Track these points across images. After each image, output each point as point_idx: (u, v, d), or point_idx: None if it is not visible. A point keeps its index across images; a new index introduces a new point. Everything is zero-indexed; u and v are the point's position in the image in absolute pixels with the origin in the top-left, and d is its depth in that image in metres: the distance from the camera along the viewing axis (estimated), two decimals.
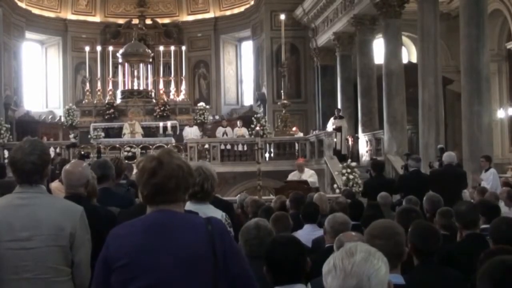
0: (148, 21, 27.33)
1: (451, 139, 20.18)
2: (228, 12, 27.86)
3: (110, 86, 25.13)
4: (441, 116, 16.18)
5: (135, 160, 18.13)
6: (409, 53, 23.63)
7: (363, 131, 19.33)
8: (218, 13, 28.03)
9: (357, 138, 19.74)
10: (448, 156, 9.52)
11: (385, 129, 17.20)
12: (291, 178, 13.13)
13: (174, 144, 19.39)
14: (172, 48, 25.64)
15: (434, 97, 15.96)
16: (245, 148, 19.32)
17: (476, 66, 13.60)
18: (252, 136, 18.75)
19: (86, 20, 27.88)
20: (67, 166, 3.77)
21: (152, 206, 2.35)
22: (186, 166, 2.36)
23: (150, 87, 25.43)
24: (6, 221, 2.81)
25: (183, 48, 26.84)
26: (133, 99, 24.53)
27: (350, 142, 19.86)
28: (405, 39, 21.59)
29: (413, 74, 16.85)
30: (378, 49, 19.72)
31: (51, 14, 27.29)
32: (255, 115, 21.16)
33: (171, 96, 25.11)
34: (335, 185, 15.59)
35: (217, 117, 26.00)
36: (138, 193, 4.25)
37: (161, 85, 25.29)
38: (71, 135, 22.08)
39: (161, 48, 25.54)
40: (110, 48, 25.50)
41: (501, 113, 21.07)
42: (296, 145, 19.09)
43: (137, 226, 2.32)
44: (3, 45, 22.93)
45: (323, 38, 23.23)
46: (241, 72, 28.67)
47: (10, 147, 16.57)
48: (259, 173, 13.89)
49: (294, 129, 20.47)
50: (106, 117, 23.74)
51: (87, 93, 24.92)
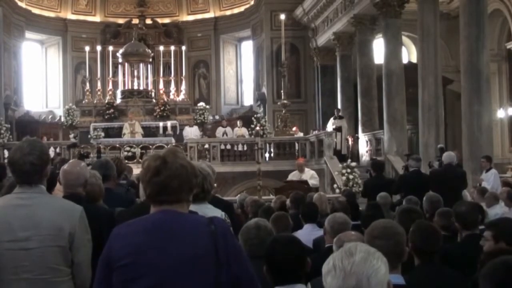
0: (148, 21, 27.33)
1: (451, 139, 20.18)
2: (228, 12, 27.87)
3: (110, 86, 25.13)
4: (441, 116, 16.18)
5: (135, 160, 18.17)
6: (409, 53, 23.63)
7: (363, 131, 19.33)
8: (218, 13, 28.04)
9: (357, 138, 19.74)
10: (448, 156, 9.51)
11: (385, 129, 17.20)
12: (291, 178, 13.14)
13: (174, 144, 19.38)
14: (172, 48, 25.64)
15: (434, 97, 15.96)
16: (245, 148, 19.33)
17: (476, 66, 13.60)
18: (252, 136, 18.76)
19: (86, 20, 27.87)
20: (65, 166, 3.75)
21: (155, 206, 2.35)
22: (190, 166, 2.37)
23: (150, 87, 25.43)
24: (5, 221, 2.81)
25: (183, 48, 26.84)
26: (133, 99, 24.53)
27: (350, 142, 19.86)
28: (405, 39, 21.59)
29: (413, 74, 16.85)
30: (378, 49, 19.72)
31: (51, 14, 27.29)
32: (255, 115, 21.17)
33: (171, 96, 25.12)
34: (335, 185, 15.60)
35: (217, 117, 26.00)
36: (138, 193, 4.27)
37: (161, 85, 25.30)
38: (71, 135, 22.08)
39: (161, 48, 25.54)
40: (110, 48, 25.50)
41: (501, 113, 21.08)
42: (296, 145, 19.09)
43: (139, 225, 2.32)
44: (3, 45, 22.93)
45: (323, 38, 23.23)
46: (241, 72, 28.67)
47: (10, 147, 16.56)
48: (259, 173, 13.88)
49: (294, 129, 20.47)
50: (106, 117, 23.74)
51: (87, 93, 24.92)
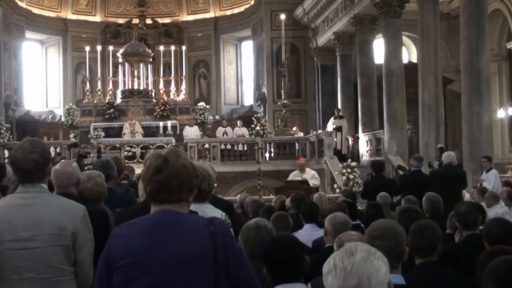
0: (148, 21, 27.33)
1: (451, 139, 20.18)
2: (228, 12, 27.87)
3: (110, 86, 25.14)
4: (441, 116, 16.19)
5: (135, 160, 18.17)
6: (409, 53, 23.63)
7: (363, 131, 19.34)
8: (218, 13, 28.04)
9: (357, 138, 19.75)
10: (448, 156, 9.51)
11: (385, 129, 17.20)
12: (292, 177, 13.14)
13: (174, 144, 19.38)
14: (172, 48, 25.65)
15: (434, 97, 15.96)
16: (245, 148, 19.33)
17: (476, 66, 13.60)
18: (252, 136, 18.77)
19: (86, 19, 27.87)
20: (57, 166, 3.74)
21: (155, 205, 2.36)
22: (192, 166, 2.38)
23: (150, 87, 25.44)
24: (8, 221, 2.82)
25: (183, 48, 26.85)
26: (133, 98, 24.54)
27: (350, 142, 19.87)
28: (405, 39, 21.58)
29: (413, 74, 16.86)
30: (378, 49, 19.72)
31: (51, 14, 27.29)
32: (255, 115, 21.17)
33: (171, 96, 25.13)
34: (335, 185, 15.61)
35: (217, 117, 26.00)
36: (138, 193, 4.27)
37: (161, 85, 25.31)
38: (71, 135, 22.09)
39: (161, 48, 25.55)
40: (110, 48, 25.51)
41: (501, 113, 21.08)
42: (296, 145, 19.10)
43: (139, 226, 2.32)
44: (3, 45, 22.93)
45: (323, 38, 23.23)
46: (241, 72, 28.67)
47: (10, 147, 16.58)
48: (259, 173, 13.89)
49: (294, 129, 20.48)
50: (106, 116, 23.75)
51: (87, 93, 24.92)
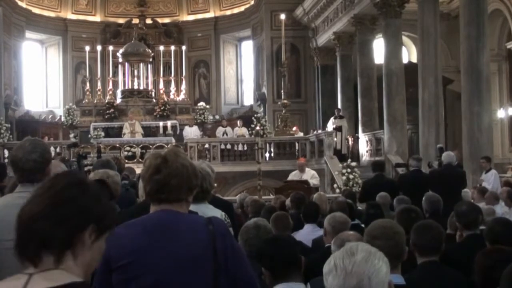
0: (148, 21, 27.34)
1: (451, 139, 20.18)
2: (228, 12, 27.87)
3: (110, 86, 25.14)
4: (441, 116, 16.18)
5: (135, 160, 18.18)
6: (409, 53, 23.63)
7: (363, 131, 19.33)
8: (218, 13, 28.04)
9: (357, 138, 19.74)
10: (448, 156, 9.51)
11: (385, 129, 17.20)
12: (292, 177, 13.14)
13: (174, 144, 19.39)
14: (172, 48, 25.66)
15: (434, 97, 15.96)
16: (245, 148, 19.34)
17: (476, 66, 13.60)
18: (252, 136, 18.76)
19: (86, 19, 27.88)
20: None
21: (154, 204, 2.37)
22: (191, 166, 2.38)
23: (150, 87, 25.45)
24: (7, 221, 2.81)
25: (183, 48, 26.85)
26: (133, 98, 24.55)
27: (350, 142, 19.86)
28: (405, 39, 21.58)
29: (413, 74, 16.85)
30: (378, 49, 19.72)
31: (51, 14, 27.30)
32: (255, 115, 21.17)
33: (171, 96, 25.14)
34: (335, 185, 15.61)
35: (217, 117, 26.01)
36: (138, 193, 4.28)
37: (161, 85, 25.31)
38: (71, 135, 22.09)
39: (161, 47, 25.55)
40: (110, 47, 25.52)
41: (501, 113, 21.07)
42: (296, 145, 19.11)
43: (138, 226, 2.33)
44: (3, 45, 22.93)
45: (323, 38, 23.23)
46: (241, 72, 28.67)
47: (10, 147, 16.58)
48: (259, 173, 13.89)
49: (294, 129, 20.48)
50: (106, 116, 23.75)
51: (87, 92, 24.93)
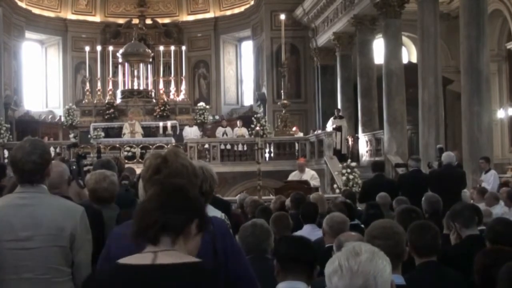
0: (148, 21, 27.34)
1: (451, 139, 20.18)
2: (228, 12, 27.87)
3: (110, 86, 25.14)
4: (441, 116, 16.18)
5: (135, 160, 18.18)
6: (409, 53, 23.63)
7: (363, 131, 19.33)
8: (218, 13, 28.04)
9: (357, 138, 19.74)
10: (448, 156, 9.51)
11: (385, 129, 17.20)
12: (292, 178, 13.14)
13: (174, 144, 19.39)
14: (172, 48, 25.65)
15: (434, 97, 15.96)
16: (245, 148, 19.33)
17: (476, 66, 13.60)
18: (252, 136, 18.77)
19: (86, 20, 27.88)
20: None
21: None
22: (191, 166, 2.38)
23: (150, 87, 25.45)
24: (7, 221, 2.81)
25: (183, 48, 26.84)
26: (133, 99, 24.54)
27: (350, 142, 19.86)
28: (405, 39, 21.59)
29: (413, 74, 16.85)
30: (378, 49, 19.72)
31: (51, 14, 27.29)
32: (255, 115, 21.17)
33: (171, 96, 25.13)
34: (335, 185, 15.61)
35: (217, 117, 26.00)
36: (137, 193, 4.27)
37: (161, 85, 25.31)
38: (71, 135, 22.09)
39: (161, 48, 25.55)
40: (110, 48, 25.52)
41: (501, 113, 21.07)
42: (296, 145, 19.11)
43: None
44: (3, 45, 22.93)
45: (323, 38, 23.24)
46: (241, 72, 28.67)
47: (10, 147, 16.58)
48: (259, 173, 13.89)
49: (294, 129, 20.48)
50: (106, 117, 23.75)
51: (87, 93, 24.93)
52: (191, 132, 21.77)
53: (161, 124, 22.12)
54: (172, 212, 1.88)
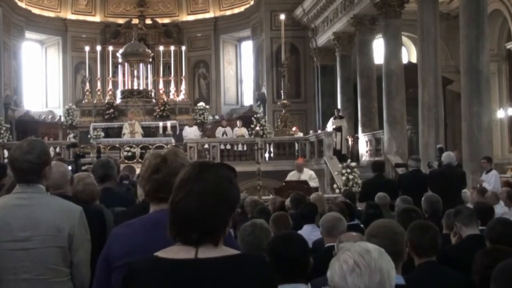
0: (148, 21, 27.34)
1: (451, 139, 20.19)
2: (228, 12, 27.87)
3: (110, 86, 25.14)
4: (441, 116, 16.18)
5: (135, 160, 18.17)
6: (409, 53, 23.64)
7: (363, 131, 19.33)
8: (218, 13, 28.04)
9: (357, 138, 19.74)
10: (448, 156, 9.51)
11: (385, 129, 17.20)
12: (290, 178, 13.13)
13: (174, 144, 19.38)
14: (172, 48, 25.65)
15: (434, 97, 15.96)
16: (245, 148, 19.32)
17: (476, 66, 13.59)
18: (252, 136, 18.76)
19: (86, 20, 27.88)
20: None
21: (154, 204, 2.38)
22: None
23: (150, 87, 25.45)
24: (5, 221, 2.81)
25: (183, 48, 26.83)
26: (133, 99, 24.54)
27: (350, 142, 19.86)
28: (405, 39, 21.59)
29: (413, 74, 16.85)
30: (378, 49, 19.72)
31: (51, 14, 27.29)
32: (255, 115, 21.17)
33: (171, 96, 25.14)
34: (335, 185, 15.60)
35: (217, 117, 25.99)
36: (137, 193, 4.28)
37: (161, 85, 25.31)
38: (71, 135, 22.08)
39: (161, 48, 25.55)
40: (110, 48, 25.52)
41: (501, 113, 21.08)
42: (296, 145, 19.10)
43: (138, 225, 2.34)
44: (3, 45, 22.93)
45: (323, 38, 23.23)
46: (241, 72, 28.67)
47: (10, 147, 16.57)
48: (259, 173, 13.88)
49: (294, 129, 20.47)
50: (106, 117, 23.75)
51: (87, 93, 24.93)
52: (191, 132, 21.77)
53: (161, 124, 22.12)
54: (215, 215, 1.82)
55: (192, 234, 1.80)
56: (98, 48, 25.65)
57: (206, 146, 19.26)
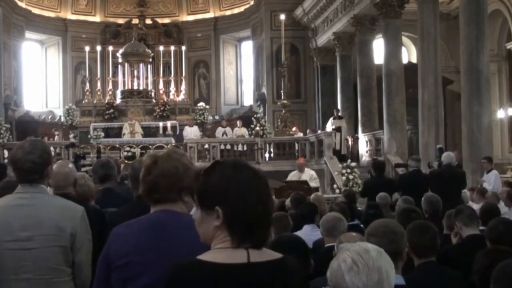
0: (148, 21, 27.33)
1: (451, 139, 20.19)
2: (228, 12, 27.86)
3: (110, 86, 25.14)
4: (441, 116, 16.18)
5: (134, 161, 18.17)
6: (409, 53, 23.64)
7: (363, 131, 19.33)
8: (218, 13, 28.03)
9: (357, 138, 19.74)
10: (448, 157, 9.51)
11: (385, 129, 17.20)
12: (291, 178, 13.12)
13: (174, 144, 19.38)
14: (172, 48, 25.65)
15: (434, 97, 15.96)
16: (245, 148, 19.31)
17: (476, 66, 13.59)
18: (252, 136, 18.78)
19: (86, 20, 27.87)
20: (53, 167, 3.78)
21: (151, 205, 2.42)
22: (184, 167, 2.39)
23: (150, 87, 25.45)
24: (6, 221, 2.81)
25: (183, 48, 26.83)
26: (133, 99, 24.54)
27: (350, 142, 19.86)
28: (405, 39, 21.59)
29: (413, 74, 16.85)
30: (378, 49, 19.72)
31: (51, 14, 27.29)
32: (255, 115, 21.16)
33: (171, 96, 25.13)
34: (335, 185, 15.60)
35: (217, 117, 26.00)
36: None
37: (161, 85, 25.31)
38: (71, 135, 22.09)
39: (161, 48, 25.55)
40: (110, 48, 25.51)
41: (501, 113, 21.08)
42: (296, 145, 19.10)
43: (137, 226, 2.35)
44: (3, 45, 22.93)
45: (323, 38, 23.23)
46: (241, 72, 28.66)
47: (10, 147, 16.58)
48: None
49: (294, 129, 20.47)
50: (106, 117, 23.75)
51: (87, 93, 24.93)
52: (191, 132, 21.77)
53: (161, 124, 22.12)
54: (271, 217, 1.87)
55: (259, 236, 1.80)
56: (98, 48, 25.65)
57: (206, 146, 19.27)
